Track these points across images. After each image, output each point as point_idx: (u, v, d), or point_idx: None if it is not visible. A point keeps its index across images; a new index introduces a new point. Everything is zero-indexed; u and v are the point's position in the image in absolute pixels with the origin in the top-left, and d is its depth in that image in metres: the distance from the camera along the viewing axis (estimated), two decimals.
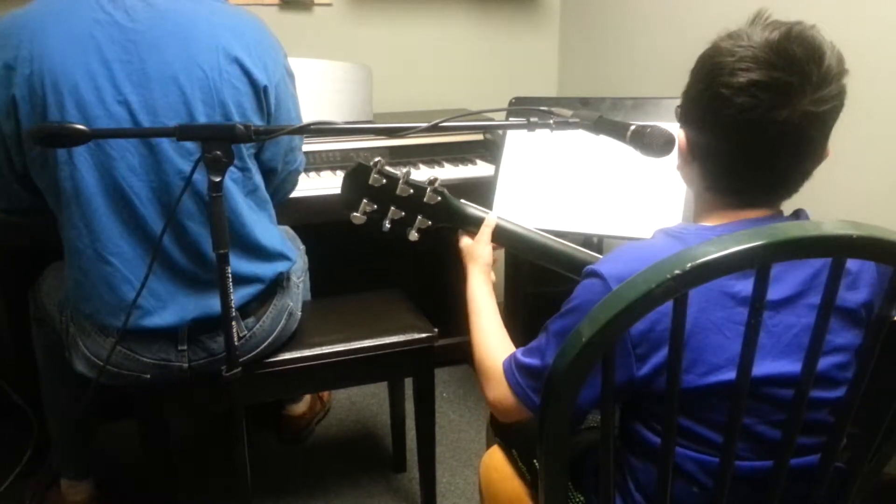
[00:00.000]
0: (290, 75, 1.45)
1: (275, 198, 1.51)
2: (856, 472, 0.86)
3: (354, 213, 1.16)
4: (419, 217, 1.17)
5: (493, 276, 1.21)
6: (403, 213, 1.17)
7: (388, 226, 1.17)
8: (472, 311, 1.16)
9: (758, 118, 0.81)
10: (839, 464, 0.86)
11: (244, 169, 1.36)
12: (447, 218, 1.19)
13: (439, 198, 1.17)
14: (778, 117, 0.81)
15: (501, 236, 1.20)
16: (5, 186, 1.35)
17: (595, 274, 0.87)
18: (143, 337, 1.36)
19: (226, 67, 1.28)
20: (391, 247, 1.17)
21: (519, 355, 0.98)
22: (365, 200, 1.15)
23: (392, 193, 1.15)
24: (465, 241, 1.22)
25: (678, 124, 0.94)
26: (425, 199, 1.16)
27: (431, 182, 1.16)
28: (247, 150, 1.36)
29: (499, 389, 1.00)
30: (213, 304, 1.33)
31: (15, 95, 1.20)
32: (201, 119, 1.27)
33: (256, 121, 1.34)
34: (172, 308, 1.34)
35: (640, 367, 0.85)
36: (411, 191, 1.15)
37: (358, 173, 1.15)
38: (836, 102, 0.83)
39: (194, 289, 1.35)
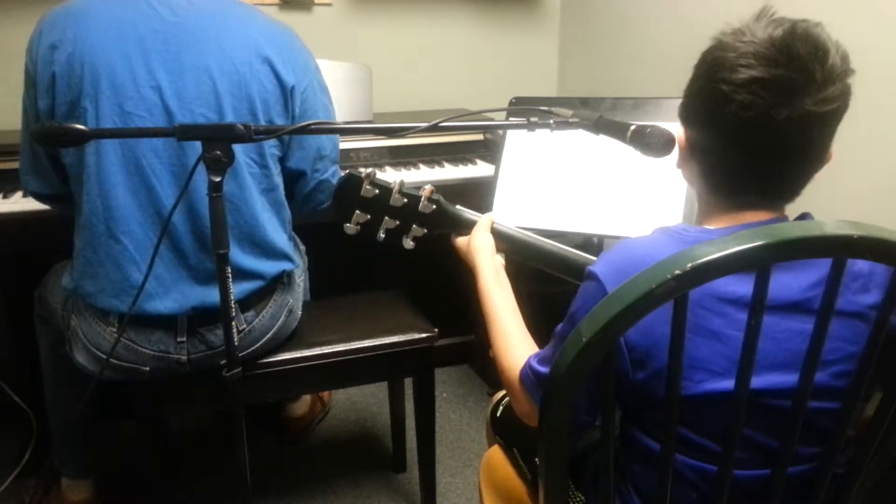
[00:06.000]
0: (322, 87, 1.47)
1: (304, 207, 1.52)
2: (855, 476, 0.86)
3: (347, 224, 1.15)
4: (414, 226, 1.16)
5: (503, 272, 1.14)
6: (398, 223, 1.15)
7: (382, 236, 1.16)
8: (488, 313, 1.09)
9: (758, 116, 0.79)
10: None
11: (263, 166, 1.38)
12: (444, 225, 1.18)
13: (434, 206, 1.15)
14: (778, 116, 0.78)
15: (497, 238, 1.16)
16: (42, 168, 1.38)
17: (590, 276, 0.86)
18: (143, 326, 1.36)
19: (256, 65, 1.32)
20: (391, 247, 1.16)
21: (535, 365, 0.93)
22: (357, 211, 1.14)
23: (385, 203, 1.14)
24: (460, 240, 1.18)
25: (679, 122, 0.92)
26: (420, 209, 1.15)
27: (426, 191, 1.14)
28: (269, 149, 1.38)
29: (524, 403, 0.96)
30: (213, 294, 1.33)
31: (55, 72, 1.26)
32: (228, 110, 1.30)
33: (280, 120, 1.37)
34: (174, 294, 1.35)
35: (636, 371, 0.83)
36: (405, 200, 1.14)
37: (349, 184, 1.14)
38: (839, 103, 0.80)
39: (198, 278, 1.36)
